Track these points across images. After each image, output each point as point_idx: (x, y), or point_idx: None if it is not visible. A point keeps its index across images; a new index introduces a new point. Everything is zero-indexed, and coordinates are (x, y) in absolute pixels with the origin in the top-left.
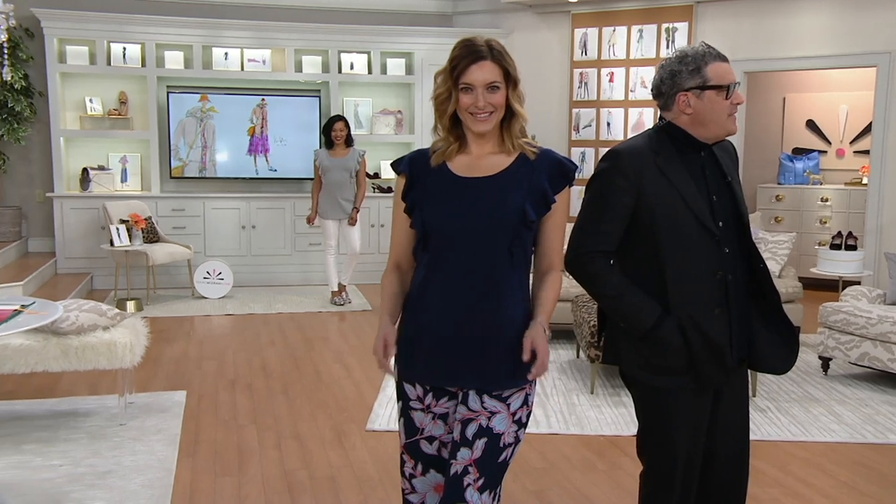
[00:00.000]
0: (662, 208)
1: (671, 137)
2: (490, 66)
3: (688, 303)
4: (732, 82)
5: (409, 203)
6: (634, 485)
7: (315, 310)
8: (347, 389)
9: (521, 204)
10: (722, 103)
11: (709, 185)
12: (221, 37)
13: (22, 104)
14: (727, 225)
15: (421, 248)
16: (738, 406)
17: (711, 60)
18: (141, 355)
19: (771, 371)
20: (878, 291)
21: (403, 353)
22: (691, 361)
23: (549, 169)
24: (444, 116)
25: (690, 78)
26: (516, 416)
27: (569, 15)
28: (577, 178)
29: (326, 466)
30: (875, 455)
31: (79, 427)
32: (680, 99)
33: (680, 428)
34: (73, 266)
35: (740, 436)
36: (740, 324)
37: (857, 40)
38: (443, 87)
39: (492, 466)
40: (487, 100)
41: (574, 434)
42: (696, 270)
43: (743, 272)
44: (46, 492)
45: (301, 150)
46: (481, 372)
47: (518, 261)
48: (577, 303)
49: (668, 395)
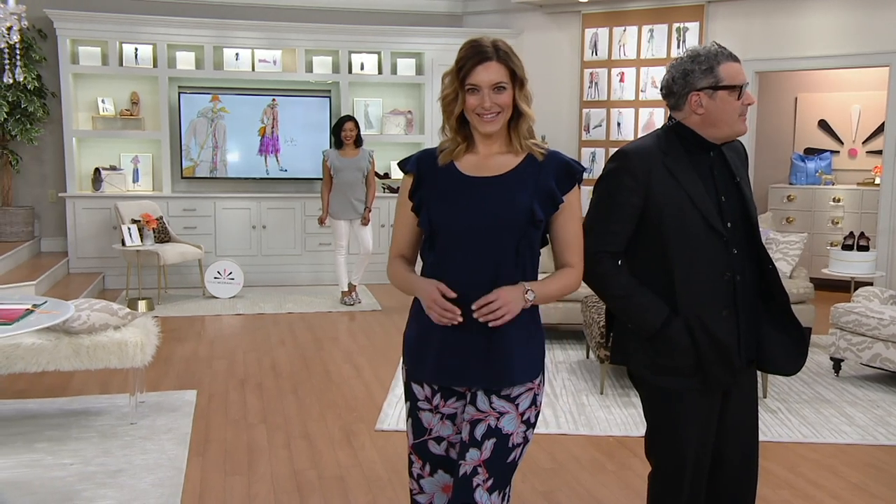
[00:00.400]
0: (670, 208)
1: (680, 137)
2: (496, 67)
3: (695, 303)
4: (744, 83)
5: (417, 202)
6: (643, 486)
7: (325, 310)
8: (357, 389)
9: (529, 203)
10: (733, 103)
11: (717, 185)
12: (232, 37)
13: (35, 105)
14: (736, 226)
15: (427, 247)
16: (747, 407)
17: (724, 60)
18: (152, 355)
19: (780, 372)
20: (890, 292)
21: (411, 353)
22: (699, 362)
23: (557, 170)
24: (452, 117)
25: (703, 77)
26: (525, 417)
27: (579, 15)
28: (586, 178)
29: (335, 466)
30: (887, 457)
31: (90, 426)
32: (692, 99)
33: (688, 428)
34: (86, 266)
35: (749, 437)
36: (749, 325)
37: (869, 40)
38: (449, 88)
39: (501, 467)
40: (494, 100)
41: (583, 434)
42: (703, 271)
43: (752, 273)
44: (58, 490)
45: (311, 150)
46: (488, 371)
47: (524, 260)
48: (587, 303)
49: (675, 396)
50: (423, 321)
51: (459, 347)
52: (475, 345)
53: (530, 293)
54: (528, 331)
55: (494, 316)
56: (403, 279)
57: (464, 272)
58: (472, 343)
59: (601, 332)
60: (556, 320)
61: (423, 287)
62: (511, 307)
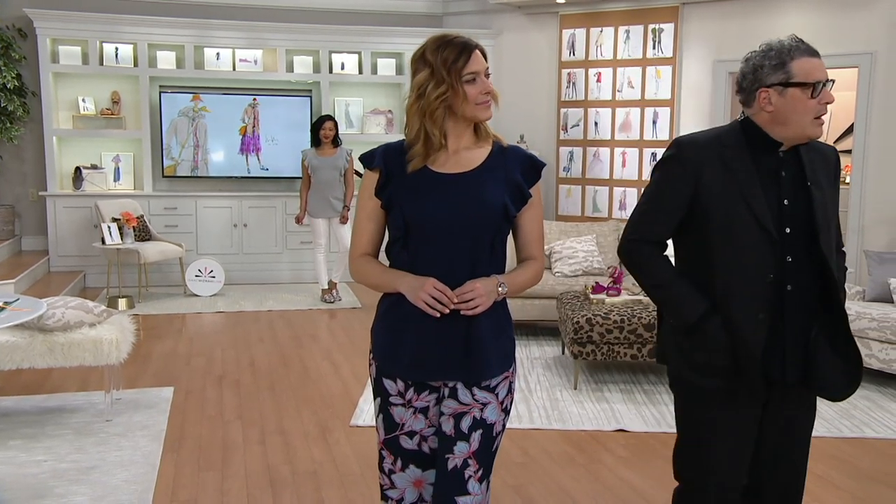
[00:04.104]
0: (719, 203)
1: (746, 134)
2: (479, 55)
3: (732, 302)
4: (821, 80)
5: (386, 199)
6: (613, 479)
7: (305, 307)
8: (334, 386)
9: (502, 199)
10: (807, 102)
11: (781, 187)
12: (213, 37)
13: (15, 104)
14: (797, 232)
15: (401, 245)
16: (795, 435)
17: (798, 55)
18: (127, 352)
19: (826, 396)
20: (857, 288)
21: (382, 349)
22: (735, 364)
23: (521, 163)
24: (442, 119)
25: (773, 73)
26: (504, 405)
27: (557, 16)
28: (564, 176)
29: (309, 461)
30: (851, 449)
31: (65, 423)
32: (761, 95)
33: (718, 440)
34: (66, 264)
35: (793, 471)
36: (798, 339)
37: (840, 41)
38: (442, 87)
39: (488, 456)
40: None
41: (556, 429)
42: (746, 271)
43: (810, 284)
44: (30, 486)
45: (292, 149)
46: (465, 365)
47: (497, 255)
48: (563, 300)
49: (709, 402)
50: (393, 317)
51: (435, 343)
52: (451, 340)
53: (503, 286)
54: (501, 322)
55: (468, 307)
56: (380, 276)
57: (440, 269)
58: (448, 338)
59: (575, 329)
60: (533, 317)
61: (410, 282)
62: (485, 300)
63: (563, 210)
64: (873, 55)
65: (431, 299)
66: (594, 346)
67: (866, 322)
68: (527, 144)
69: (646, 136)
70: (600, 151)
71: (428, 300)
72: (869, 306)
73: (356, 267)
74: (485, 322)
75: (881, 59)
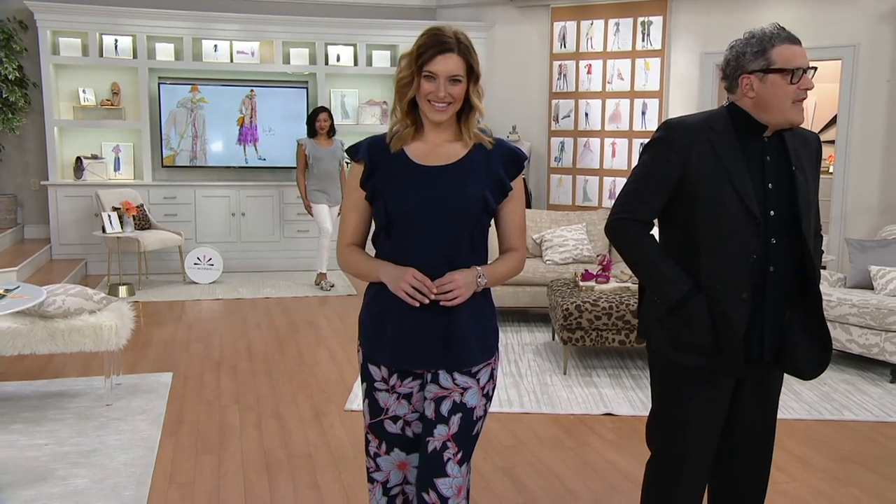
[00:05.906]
0: (706, 184)
1: (733, 118)
2: (455, 59)
3: (716, 282)
4: (800, 66)
5: (370, 191)
6: (601, 461)
7: (301, 294)
8: (329, 371)
9: (482, 192)
10: (787, 88)
11: (766, 171)
12: (211, 29)
13: (17, 95)
14: (780, 215)
15: (384, 235)
16: (765, 409)
17: (779, 43)
18: (126, 338)
19: (797, 374)
20: (838, 275)
21: (368, 336)
22: (717, 343)
23: (504, 157)
24: (403, 100)
25: (754, 60)
26: (485, 391)
27: (548, 9)
28: (556, 165)
29: (304, 445)
30: (830, 431)
31: (66, 408)
32: (743, 82)
33: (694, 414)
34: (68, 252)
35: (763, 442)
36: (776, 319)
37: (823, 34)
38: (406, 72)
39: (467, 439)
40: (448, 91)
41: (545, 413)
42: (730, 252)
43: (790, 267)
44: (32, 469)
45: (289, 139)
46: (446, 353)
47: (478, 246)
48: (553, 287)
49: (688, 377)
50: (378, 306)
51: (416, 332)
52: (431, 330)
53: (482, 278)
54: (483, 312)
55: (446, 298)
56: (363, 265)
57: (421, 259)
58: (429, 327)
59: (565, 315)
60: (524, 304)
61: (390, 272)
62: (464, 291)
63: (554, 199)
64: (856, 48)
65: (411, 289)
66: (583, 332)
67: (847, 308)
68: (519, 135)
69: (635, 127)
70: (591, 142)
71: (408, 290)
72: (850, 293)
73: (342, 256)
74: (465, 312)
75: (864, 51)
